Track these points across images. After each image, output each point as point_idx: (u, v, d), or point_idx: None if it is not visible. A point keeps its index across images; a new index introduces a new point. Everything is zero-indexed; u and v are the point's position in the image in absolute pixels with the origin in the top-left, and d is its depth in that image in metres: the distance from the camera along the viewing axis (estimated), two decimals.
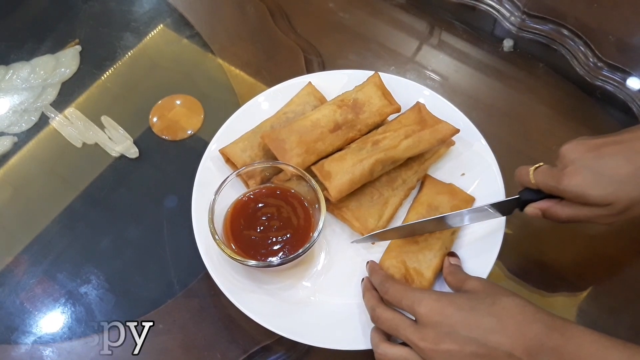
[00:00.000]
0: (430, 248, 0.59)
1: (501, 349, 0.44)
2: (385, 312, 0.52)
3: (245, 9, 0.87)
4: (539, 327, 0.45)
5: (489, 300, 0.47)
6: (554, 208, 0.54)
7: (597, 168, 0.50)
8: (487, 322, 0.46)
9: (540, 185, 0.55)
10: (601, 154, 0.51)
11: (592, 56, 0.79)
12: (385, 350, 0.51)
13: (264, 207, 0.60)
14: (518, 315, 0.46)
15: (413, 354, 0.48)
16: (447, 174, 0.66)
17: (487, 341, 0.45)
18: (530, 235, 0.68)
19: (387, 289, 0.53)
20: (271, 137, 0.63)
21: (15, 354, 0.61)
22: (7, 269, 0.66)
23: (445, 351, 0.46)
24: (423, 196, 0.64)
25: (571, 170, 0.51)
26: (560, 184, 0.52)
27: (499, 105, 0.77)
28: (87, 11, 0.87)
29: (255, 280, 0.60)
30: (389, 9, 0.86)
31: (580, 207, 0.53)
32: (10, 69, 0.81)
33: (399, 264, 0.59)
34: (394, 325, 0.50)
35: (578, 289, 0.64)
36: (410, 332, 0.48)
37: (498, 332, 0.45)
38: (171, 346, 0.61)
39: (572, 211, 0.53)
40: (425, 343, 0.47)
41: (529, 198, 0.56)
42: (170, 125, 0.75)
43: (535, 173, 0.55)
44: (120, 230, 0.69)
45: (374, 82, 0.67)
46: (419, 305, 0.48)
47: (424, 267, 0.58)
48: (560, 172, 0.52)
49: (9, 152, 0.75)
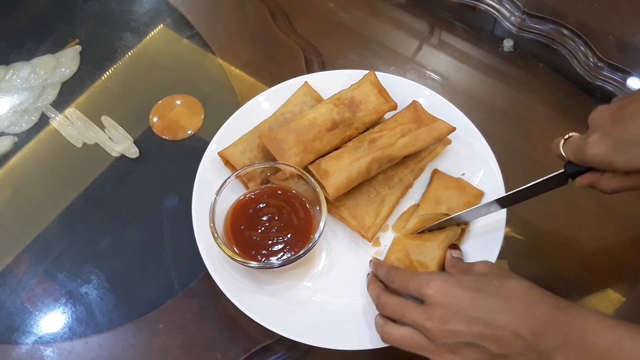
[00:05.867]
0: (433, 240, 0.60)
1: (508, 328, 0.44)
2: (390, 298, 0.52)
3: (246, 9, 0.87)
4: (544, 308, 0.45)
5: (496, 282, 0.47)
6: (598, 181, 0.50)
7: (617, 132, 0.47)
8: (493, 302, 0.46)
9: (571, 158, 0.51)
10: (622, 116, 0.47)
11: (592, 56, 0.79)
12: (391, 330, 0.50)
13: (265, 208, 0.60)
14: (525, 296, 0.46)
15: (419, 333, 0.48)
16: (447, 174, 0.66)
17: (493, 321, 0.45)
18: (530, 235, 0.68)
19: (393, 277, 0.53)
20: (269, 137, 0.63)
21: (15, 354, 0.61)
22: (7, 268, 0.66)
23: (453, 331, 0.46)
24: (432, 191, 0.64)
25: (594, 139, 0.48)
26: (585, 154, 0.48)
27: (499, 105, 0.77)
28: (87, 11, 0.87)
29: (255, 281, 0.60)
30: (389, 9, 0.86)
31: (623, 177, 0.49)
32: (11, 69, 0.81)
33: (403, 257, 0.59)
34: (399, 309, 0.50)
35: (578, 289, 0.64)
36: (416, 314, 0.48)
37: (504, 312, 0.45)
38: (171, 346, 0.61)
39: (617, 183, 0.49)
40: (431, 323, 0.47)
41: (574, 170, 0.52)
42: (171, 125, 0.75)
43: (565, 145, 0.52)
44: (120, 230, 0.69)
45: (370, 80, 0.68)
46: (427, 286, 0.48)
47: (428, 260, 0.59)
48: (584, 141, 0.49)
49: (9, 152, 0.75)
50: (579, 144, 0.49)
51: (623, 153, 0.46)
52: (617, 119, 0.47)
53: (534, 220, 0.68)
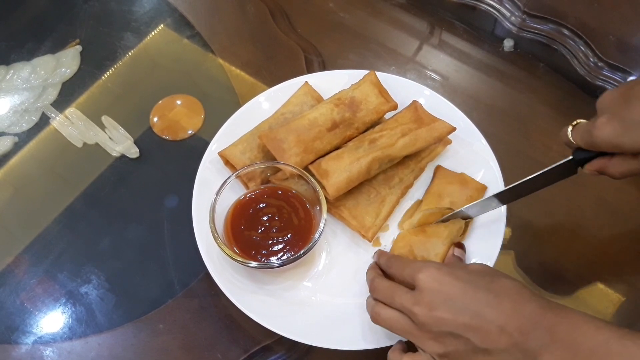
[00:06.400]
0: (438, 236, 0.60)
1: (494, 323, 0.44)
2: (382, 281, 0.52)
3: (246, 9, 0.87)
4: (533, 307, 0.45)
5: (488, 278, 0.48)
6: (607, 166, 0.50)
7: (625, 114, 0.47)
8: (483, 296, 0.46)
9: (580, 143, 0.51)
10: (629, 98, 0.47)
11: (592, 56, 0.79)
12: (379, 310, 0.51)
13: (265, 208, 0.60)
14: (515, 294, 0.46)
15: (405, 317, 0.49)
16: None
17: (480, 314, 0.45)
18: (530, 235, 0.68)
19: (392, 263, 0.54)
20: (269, 137, 0.63)
21: (15, 354, 0.61)
22: (7, 268, 0.66)
23: (439, 318, 0.46)
24: (435, 186, 0.64)
25: (602, 122, 0.47)
26: (593, 137, 0.48)
27: (499, 105, 0.77)
28: (87, 11, 0.87)
29: (255, 281, 0.60)
30: (389, 9, 0.86)
31: (630, 160, 0.48)
32: (11, 69, 0.81)
33: (407, 253, 0.60)
34: (389, 293, 0.50)
35: (578, 289, 0.64)
36: (405, 299, 0.48)
37: (493, 307, 0.45)
38: (171, 346, 0.61)
39: (626, 166, 0.49)
40: (419, 308, 0.47)
41: (583, 157, 0.51)
42: (171, 125, 0.76)
43: (573, 131, 0.52)
44: (120, 230, 0.69)
45: (370, 80, 0.68)
46: (420, 271, 0.49)
47: (432, 255, 0.59)
48: (592, 125, 0.48)
49: (9, 152, 0.75)
50: (587, 127, 0.49)
51: (631, 134, 0.46)
52: (624, 100, 0.47)
53: (534, 220, 0.68)
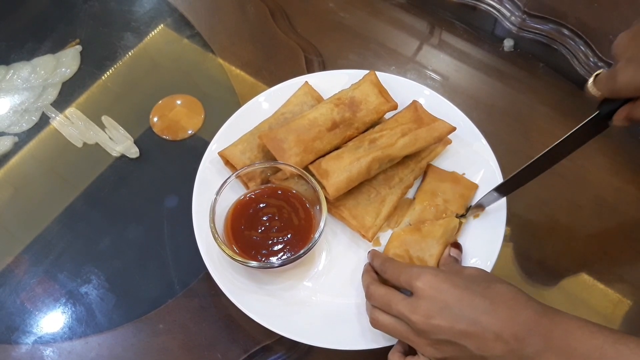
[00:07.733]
0: (432, 236, 0.60)
1: (490, 329, 0.45)
2: (379, 288, 0.52)
3: (246, 9, 0.87)
4: (529, 314, 0.45)
5: (484, 284, 0.48)
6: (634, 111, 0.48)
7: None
8: (480, 302, 0.46)
9: (604, 92, 0.49)
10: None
11: (592, 56, 0.79)
12: (378, 316, 0.51)
13: (265, 208, 0.60)
14: (510, 300, 0.46)
15: (403, 324, 0.49)
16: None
17: (477, 321, 0.45)
18: (531, 235, 0.68)
19: (386, 268, 0.54)
20: (269, 137, 0.63)
21: (15, 354, 0.61)
22: (7, 268, 0.66)
23: (436, 326, 0.46)
24: (427, 184, 0.64)
25: (621, 66, 0.46)
26: (617, 82, 0.47)
27: (499, 105, 0.77)
28: (87, 11, 0.87)
29: (255, 281, 0.60)
30: (389, 9, 0.86)
31: None
32: (11, 69, 0.81)
33: (402, 252, 0.59)
34: (386, 300, 0.50)
35: (578, 289, 0.64)
36: (402, 306, 0.49)
37: (489, 313, 0.45)
38: (171, 346, 0.61)
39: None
40: (417, 316, 0.47)
41: (609, 109, 0.49)
42: (171, 125, 0.76)
43: (596, 82, 0.50)
44: (120, 230, 0.69)
45: (370, 80, 0.68)
46: (417, 278, 0.49)
47: (427, 256, 0.59)
48: (613, 72, 0.47)
49: (9, 152, 0.75)
50: (609, 75, 0.48)
51: None
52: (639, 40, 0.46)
53: (534, 220, 0.68)
